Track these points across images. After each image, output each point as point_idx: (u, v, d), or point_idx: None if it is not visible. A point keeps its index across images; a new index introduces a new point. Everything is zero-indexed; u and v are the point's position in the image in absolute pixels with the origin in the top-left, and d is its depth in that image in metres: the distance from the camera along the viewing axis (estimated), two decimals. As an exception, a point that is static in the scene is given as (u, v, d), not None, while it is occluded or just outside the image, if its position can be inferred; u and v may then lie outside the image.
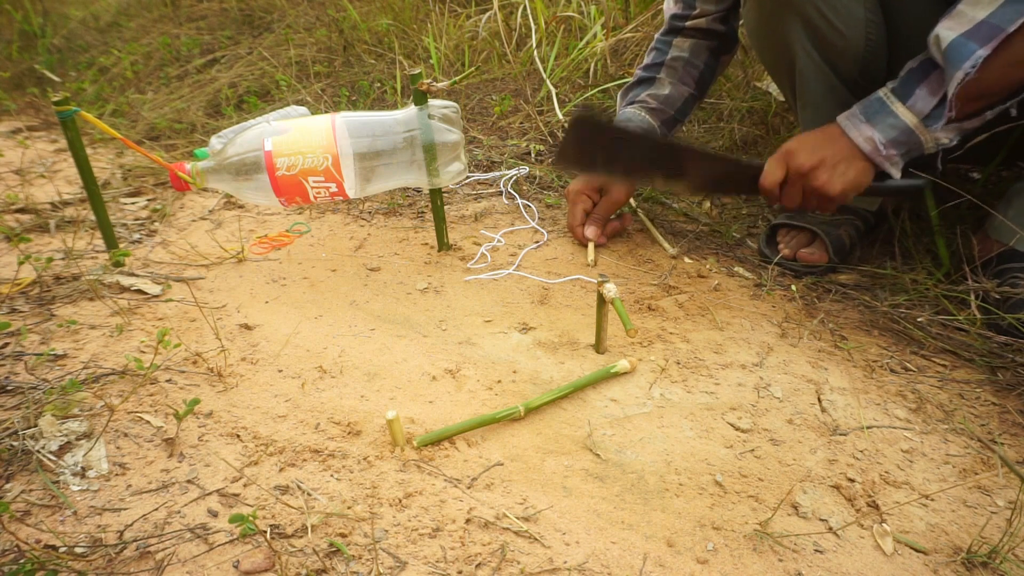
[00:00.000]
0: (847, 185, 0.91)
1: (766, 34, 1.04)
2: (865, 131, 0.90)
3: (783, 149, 0.95)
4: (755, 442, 0.76)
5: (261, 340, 0.92)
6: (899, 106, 0.88)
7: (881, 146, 0.89)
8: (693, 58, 1.18)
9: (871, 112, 0.90)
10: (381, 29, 1.99)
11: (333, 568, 0.60)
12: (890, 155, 0.90)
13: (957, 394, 0.85)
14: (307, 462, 0.72)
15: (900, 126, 0.88)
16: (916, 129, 0.88)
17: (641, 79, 1.21)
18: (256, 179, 0.99)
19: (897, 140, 0.89)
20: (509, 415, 0.77)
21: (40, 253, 1.11)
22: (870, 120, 0.90)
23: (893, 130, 0.88)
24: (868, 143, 0.90)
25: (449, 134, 1.01)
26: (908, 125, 0.88)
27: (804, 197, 0.95)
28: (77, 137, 0.98)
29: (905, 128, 0.88)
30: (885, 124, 0.89)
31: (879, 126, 0.89)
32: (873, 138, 0.89)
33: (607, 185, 1.14)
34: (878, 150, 0.90)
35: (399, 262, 1.13)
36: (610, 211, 1.15)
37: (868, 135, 0.90)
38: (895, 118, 0.88)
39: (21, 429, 0.72)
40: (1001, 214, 0.98)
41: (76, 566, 0.59)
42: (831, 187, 0.91)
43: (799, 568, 0.62)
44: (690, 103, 1.21)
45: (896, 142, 0.89)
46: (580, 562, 0.62)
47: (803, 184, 0.93)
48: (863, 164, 0.91)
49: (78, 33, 2.50)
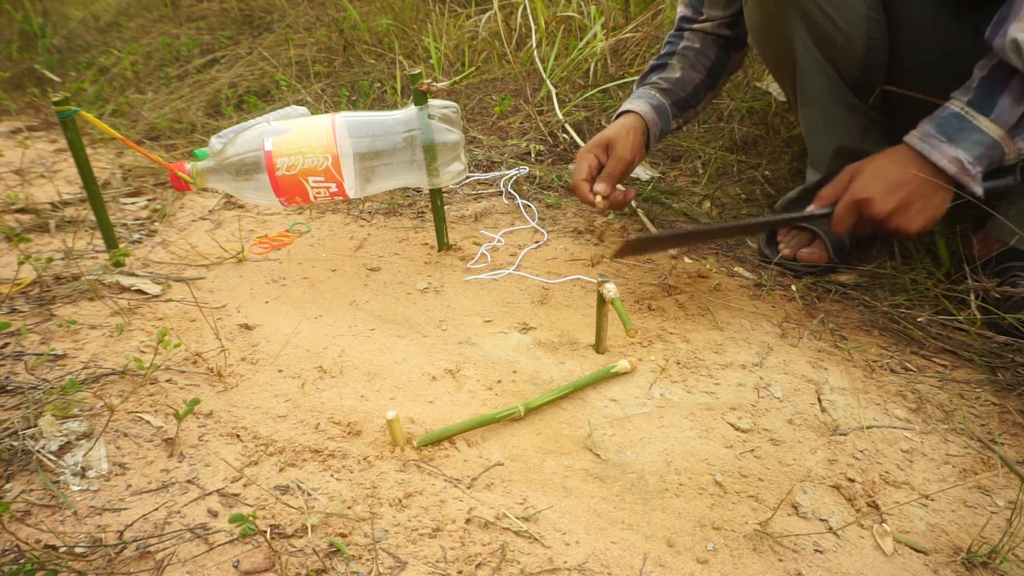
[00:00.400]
0: (929, 220, 0.86)
1: (768, 33, 1.04)
2: (948, 152, 0.83)
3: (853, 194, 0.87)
4: (755, 442, 0.76)
5: (261, 340, 0.92)
6: (983, 120, 0.82)
7: (969, 166, 0.83)
8: (704, 49, 1.18)
9: (952, 130, 0.83)
10: (381, 29, 1.99)
11: (333, 568, 0.60)
12: (975, 173, 0.84)
13: (957, 394, 0.85)
14: (307, 462, 0.72)
15: (986, 141, 0.82)
16: (1002, 141, 0.82)
17: (653, 66, 1.20)
18: (256, 179, 0.99)
19: (983, 156, 0.83)
20: (509, 415, 0.77)
21: (40, 253, 1.11)
22: (952, 140, 0.83)
23: (979, 147, 0.82)
24: (954, 164, 0.83)
25: (449, 134, 1.01)
26: (995, 139, 0.82)
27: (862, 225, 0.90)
28: (77, 137, 0.98)
29: (991, 143, 0.82)
30: (970, 141, 0.82)
31: (963, 144, 0.82)
32: (959, 158, 0.83)
33: (614, 142, 1.08)
34: (966, 170, 0.83)
35: (399, 262, 1.13)
36: (619, 171, 1.07)
37: (953, 155, 0.83)
38: (980, 134, 0.82)
39: (21, 429, 0.72)
40: (1003, 213, 0.97)
41: (76, 566, 0.59)
42: (911, 226, 0.86)
43: (799, 568, 0.62)
44: (702, 89, 1.19)
45: (982, 157, 0.83)
46: (580, 562, 0.62)
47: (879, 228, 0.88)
48: (946, 191, 0.85)
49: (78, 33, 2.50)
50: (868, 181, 0.87)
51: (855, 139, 1.08)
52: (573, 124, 1.55)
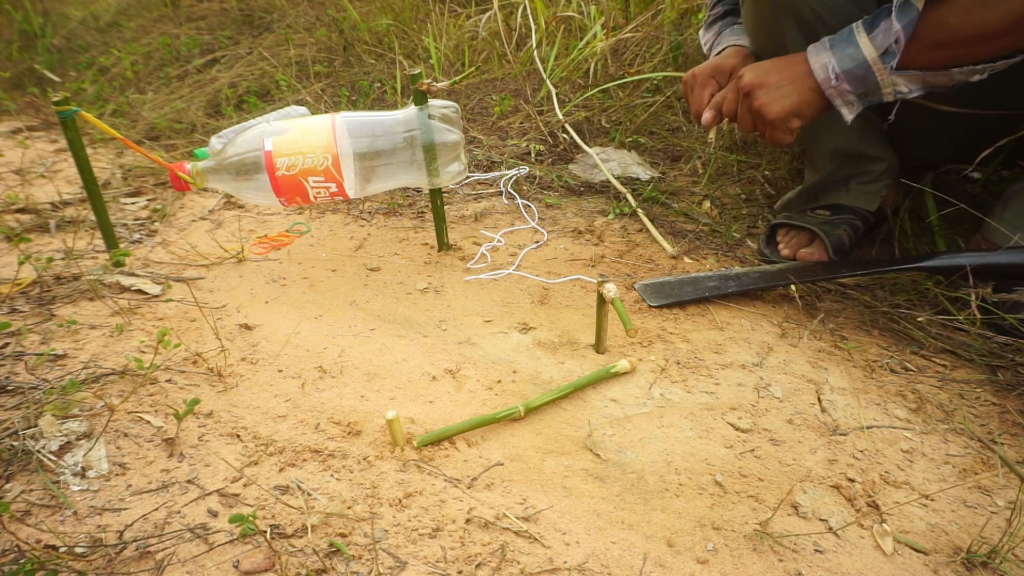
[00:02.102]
0: (787, 108, 0.88)
1: (763, 34, 1.04)
2: (823, 57, 0.86)
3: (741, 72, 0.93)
4: (755, 442, 0.76)
5: (261, 340, 0.92)
6: (863, 36, 0.84)
7: (833, 76, 0.85)
8: None
9: (837, 39, 0.86)
10: (381, 29, 1.99)
11: (333, 568, 0.60)
12: (842, 89, 0.86)
13: (957, 394, 0.85)
14: (307, 462, 0.72)
15: (858, 58, 0.84)
16: (873, 65, 0.84)
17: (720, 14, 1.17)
18: (256, 179, 0.99)
19: (853, 73, 0.85)
20: (509, 415, 0.77)
21: (40, 253, 1.11)
22: (833, 47, 0.86)
23: (850, 61, 0.85)
24: (822, 70, 0.86)
25: (449, 134, 1.01)
26: (866, 58, 0.84)
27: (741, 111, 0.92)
28: (77, 137, 0.98)
29: (862, 61, 0.84)
30: (844, 53, 0.85)
31: (838, 54, 0.85)
32: (828, 65, 0.86)
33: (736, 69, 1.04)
34: (829, 79, 0.86)
35: (399, 262, 1.13)
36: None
37: (824, 61, 0.86)
38: (855, 48, 0.84)
39: (21, 429, 0.72)
40: (997, 216, 0.97)
41: (76, 566, 0.59)
42: (771, 108, 0.89)
43: (799, 568, 0.62)
44: None
45: (852, 76, 0.85)
46: (580, 562, 0.62)
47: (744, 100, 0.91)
48: (810, 92, 0.88)
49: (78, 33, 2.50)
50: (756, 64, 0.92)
51: (852, 140, 1.08)
52: (573, 124, 1.55)
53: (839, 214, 1.11)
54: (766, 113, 0.89)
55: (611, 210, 1.27)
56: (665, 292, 1.01)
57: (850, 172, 1.12)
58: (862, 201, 1.12)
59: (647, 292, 1.02)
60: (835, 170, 1.12)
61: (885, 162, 1.11)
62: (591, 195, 1.35)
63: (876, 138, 1.09)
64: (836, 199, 1.13)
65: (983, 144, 0.97)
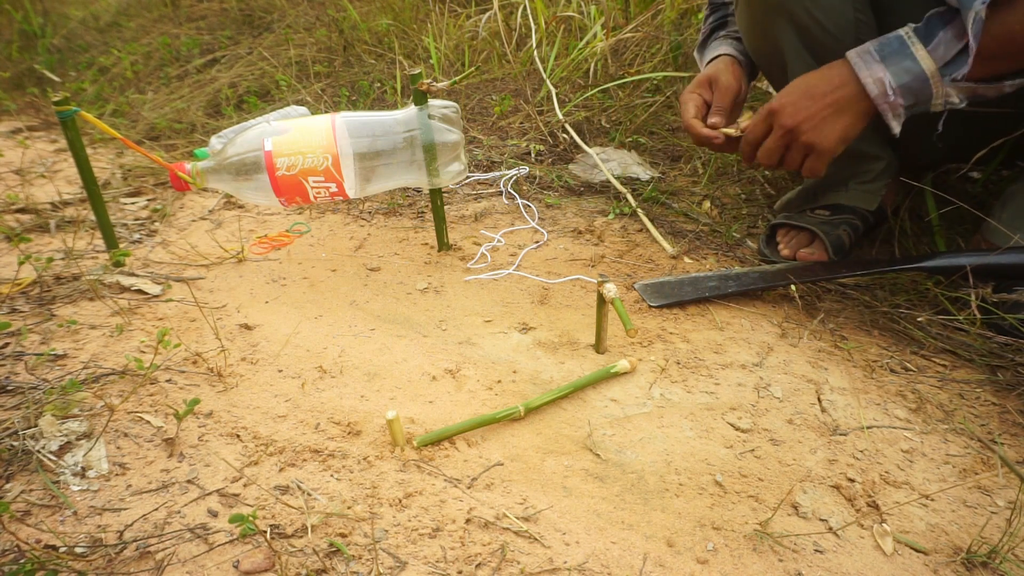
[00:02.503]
0: (841, 137, 0.84)
1: (757, 36, 1.04)
2: (876, 71, 0.81)
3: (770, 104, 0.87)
4: (755, 442, 0.76)
5: (261, 340, 0.92)
6: (920, 48, 0.80)
7: (891, 91, 0.81)
8: None
9: (888, 51, 0.81)
10: (381, 29, 1.99)
11: (333, 568, 0.60)
12: (896, 104, 0.82)
13: (957, 394, 0.85)
14: (307, 462, 0.72)
15: (916, 71, 0.80)
16: (932, 78, 0.80)
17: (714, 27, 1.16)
18: (256, 179, 0.99)
19: (909, 87, 0.81)
20: (509, 415, 0.77)
21: (40, 253, 1.11)
22: (885, 60, 0.81)
23: (907, 75, 0.81)
24: (878, 85, 0.82)
25: (449, 134, 1.01)
26: (925, 72, 0.80)
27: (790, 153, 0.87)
28: (77, 137, 0.98)
29: (920, 75, 0.80)
30: (900, 67, 0.81)
31: (893, 67, 0.81)
32: (884, 80, 0.81)
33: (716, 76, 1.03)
34: (886, 94, 0.81)
35: (399, 262, 1.13)
36: (728, 101, 1.02)
37: (879, 76, 0.81)
38: (912, 61, 0.80)
39: (21, 429, 0.72)
40: (996, 216, 0.97)
41: (76, 566, 0.59)
42: (824, 141, 0.84)
43: (799, 568, 0.62)
44: None
45: (907, 89, 0.81)
46: (580, 562, 0.62)
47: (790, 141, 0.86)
48: (863, 106, 0.83)
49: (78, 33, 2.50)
50: (787, 91, 0.86)
51: None
52: (573, 124, 1.55)
53: (839, 214, 1.11)
54: (820, 147, 0.84)
55: (611, 210, 1.27)
56: (665, 292, 1.01)
57: (849, 172, 1.12)
58: (862, 201, 1.12)
59: (647, 292, 1.02)
60: (835, 170, 1.12)
61: (884, 161, 1.11)
62: (591, 195, 1.35)
63: (875, 137, 1.09)
64: (836, 199, 1.13)
65: (983, 143, 0.97)
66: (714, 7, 1.20)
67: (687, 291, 1.01)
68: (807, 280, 1.00)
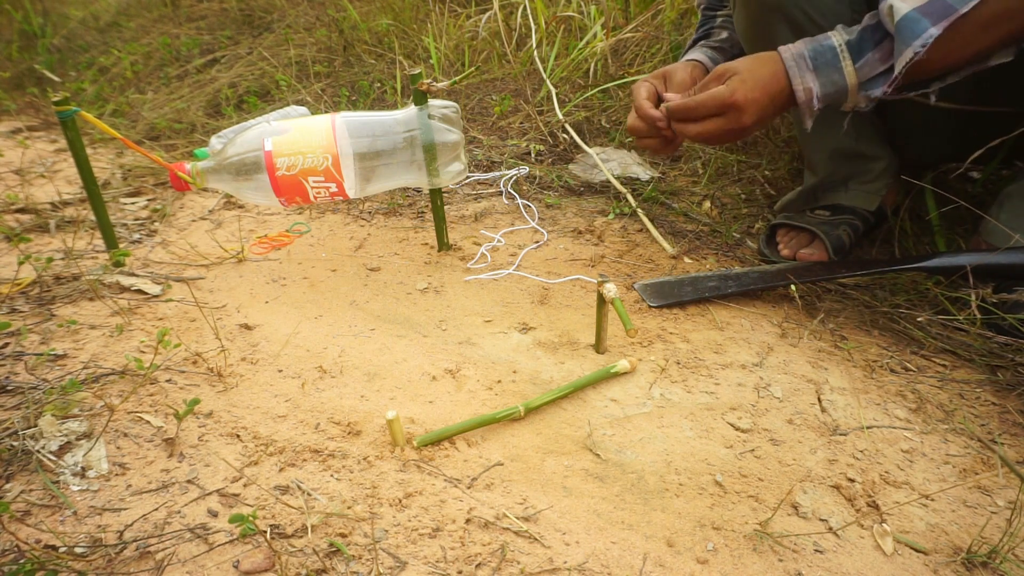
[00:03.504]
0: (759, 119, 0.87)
1: (754, 36, 1.04)
2: (808, 80, 0.85)
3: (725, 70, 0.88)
4: (755, 442, 0.76)
5: (261, 340, 0.92)
6: (849, 64, 0.83)
7: (816, 100, 0.85)
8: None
9: (820, 61, 0.84)
10: (381, 29, 1.99)
11: (333, 568, 0.60)
12: (814, 109, 0.86)
13: (957, 394, 0.85)
14: (307, 462, 0.72)
15: (840, 84, 0.84)
16: (850, 90, 0.84)
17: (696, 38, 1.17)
18: (256, 179, 0.99)
19: (829, 95, 0.85)
20: (509, 415, 0.77)
21: (40, 253, 1.11)
22: (816, 70, 0.84)
23: (832, 86, 0.84)
24: (806, 93, 0.85)
25: (449, 134, 1.01)
26: (847, 86, 0.84)
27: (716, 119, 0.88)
28: (77, 137, 0.98)
29: (843, 88, 0.84)
30: (828, 79, 0.84)
31: (822, 79, 0.84)
32: (812, 90, 0.85)
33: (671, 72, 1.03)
34: (811, 102, 0.85)
35: (399, 262, 1.13)
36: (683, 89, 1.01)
37: (809, 86, 0.85)
38: (840, 75, 0.83)
39: (21, 429, 0.72)
40: (994, 216, 0.97)
41: (76, 566, 0.59)
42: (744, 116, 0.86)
43: (799, 568, 0.62)
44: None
45: (827, 97, 0.85)
46: (580, 562, 0.62)
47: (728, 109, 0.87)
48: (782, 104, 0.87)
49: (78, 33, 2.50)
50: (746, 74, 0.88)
51: (850, 140, 1.08)
52: (573, 124, 1.55)
53: (839, 214, 1.11)
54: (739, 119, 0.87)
55: (611, 210, 1.27)
56: (665, 292, 1.01)
57: (849, 172, 1.12)
58: (862, 201, 1.12)
59: (647, 292, 1.02)
60: (834, 170, 1.12)
61: (884, 161, 1.11)
62: (591, 195, 1.35)
63: (874, 138, 1.09)
64: (836, 199, 1.13)
65: (981, 143, 0.97)
66: (704, 18, 1.20)
67: (687, 291, 1.01)
68: (807, 280, 1.01)
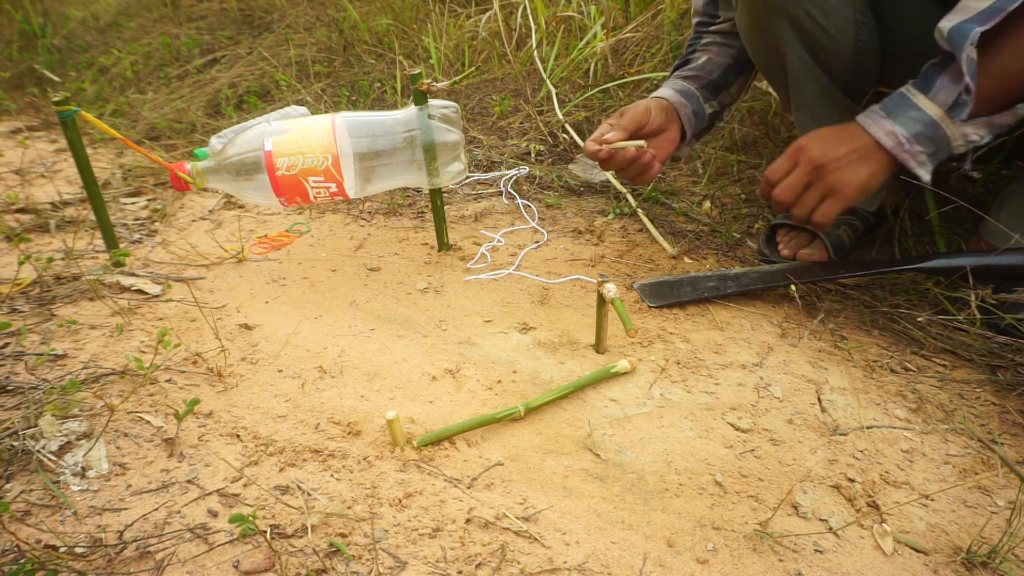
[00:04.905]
0: (863, 185, 0.87)
1: (758, 38, 1.04)
2: (885, 125, 0.85)
3: (797, 142, 0.90)
4: (755, 442, 0.76)
5: (261, 340, 0.92)
6: (921, 98, 0.83)
7: (904, 140, 0.84)
8: (727, 41, 1.15)
9: (892, 107, 0.85)
10: (381, 29, 1.99)
11: (333, 568, 0.60)
12: (915, 151, 0.84)
13: (957, 394, 0.85)
14: (307, 462, 0.72)
15: (924, 119, 0.83)
16: (942, 122, 0.83)
17: (676, 66, 1.18)
18: (256, 179, 0.99)
19: (922, 135, 0.84)
20: (509, 415, 0.77)
21: (40, 253, 1.11)
22: (891, 115, 0.85)
23: (917, 123, 0.83)
24: (890, 137, 0.85)
25: (449, 134, 1.01)
26: (933, 118, 0.83)
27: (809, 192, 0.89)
28: (77, 137, 0.98)
29: (930, 121, 0.83)
30: (907, 118, 0.84)
31: (900, 119, 0.84)
32: (895, 132, 0.84)
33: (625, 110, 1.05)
34: (901, 144, 0.84)
35: (399, 262, 1.13)
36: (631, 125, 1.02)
37: (889, 129, 0.85)
38: (918, 111, 0.83)
39: (21, 429, 0.72)
40: (994, 217, 0.97)
41: (76, 566, 0.59)
42: (847, 187, 0.87)
43: (799, 568, 0.62)
44: (732, 72, 1.15)
45: (921, 137, 0.84)
46: (580, 562, 0.62)
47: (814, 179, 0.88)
48: (882, 158, 0.86)
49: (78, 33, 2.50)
50: (812, 135, 0.90)
51: None
52: (573, 124, 1.55)
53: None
54: (842, 191, 0.87)
55: (611, 210, 1.27)
56: (664, 292, 1.01)
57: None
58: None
59: (646, 292, 1.02)
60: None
61: (885, 162, 1.11)
62: (591, 195, 1.35)
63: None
64: (836, 199, 1.12)
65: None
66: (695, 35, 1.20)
67: (686, 291, 1.01)
68: (807, 280, 1.00)
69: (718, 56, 1.15)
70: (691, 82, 1.13)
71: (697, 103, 1.11)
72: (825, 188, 0.88)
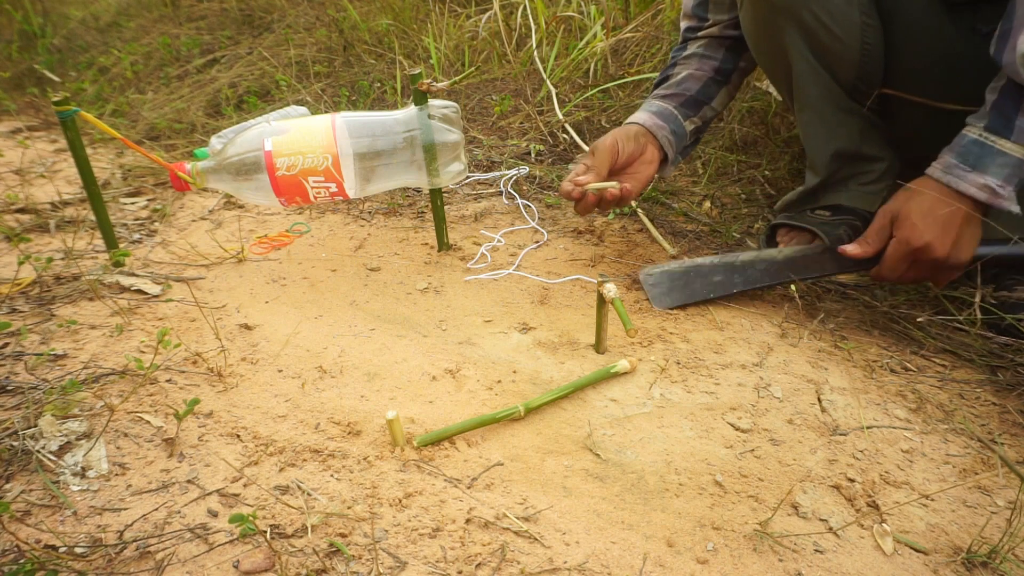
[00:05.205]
0: (975, 243, 0.86)
1: (762, 39, 1.04)
2: (976, 180, 0.82)
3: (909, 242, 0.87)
4: (755, 442, 0.76)
5: (261, 340, 0.92)
6: (1004, 143, 0.81)
7: (999, 188, 0.82)
8: (709, 52, 1.15)
9: (974, 158, 0.83)
10: (381, 29, 1.99)
11: (333, 568, 0.60)
12: (1008, 194, 0.83)
13: (957, 394, 0.85)
14: (307, 462, 0.72)
15: (1012, 163, 0.81)
16: None
17: (657, 82, 1.18)
18: (256, 179, 0.99)
19: (1012, 176, 0.82)
20: (509, 415, 0.77)
21: (40, 253, 1.11)
22: (976, 167, 0.82)
23: (1005, 168, 0.81)
24: (985, 191, 0.82)
25: (449, 134, 1.01)
26: (1020, 159, 0.81)
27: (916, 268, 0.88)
28: (77, 137, 0.98)
29: (1017, 163, 0.81)
30: (995, 166, 0.82)
31: (990, 170, 0.82)
32: (989, 185, 0.82)
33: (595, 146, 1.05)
34: (997, 194, 0.82)
35: (399, 262, 1.13)
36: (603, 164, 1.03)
37: (982, 183, 0.82)
38: (1004, 156, 0.81)
39: (21, 429, 0.72)
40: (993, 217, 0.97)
41: (76, 566, 0.59)
42: (963, 258, 0.85)
43: (799, 568, 0.62)
44: (713, 86, 1.15)
45: (1011, 177, 0.82)
46: (580, 562, 0.62)
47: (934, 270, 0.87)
48: (979, 209, 0.85)
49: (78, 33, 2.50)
50: (920, 225, 0.86)
51: (853, 142, 1.08)
52: (573, 124, 1.55)
53: (839, 215, 1.11)
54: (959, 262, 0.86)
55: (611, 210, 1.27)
56: (671, 288, 1.00)
57: (850, 173, 1.12)
58: (862, 202, 1.12)
59: (653, 290, 1.01)
60: (836, 171, 1.12)
61: (886, 162, 1.11)
62: (591, 195, 1.35)
63: (877, 139, 1.09)
64: (836, 200, 1.12)
65: None
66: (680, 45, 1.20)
67: (694, 287, 1.00)
68: (812, 275, 0.99)
69: (698, 70, 1.14)
70: (669, 101, 1.13)
71: (676, 122, 1.11)
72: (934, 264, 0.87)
